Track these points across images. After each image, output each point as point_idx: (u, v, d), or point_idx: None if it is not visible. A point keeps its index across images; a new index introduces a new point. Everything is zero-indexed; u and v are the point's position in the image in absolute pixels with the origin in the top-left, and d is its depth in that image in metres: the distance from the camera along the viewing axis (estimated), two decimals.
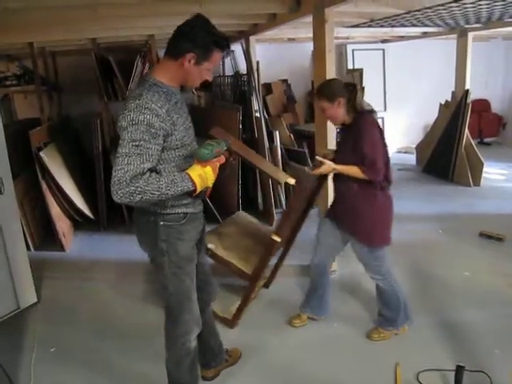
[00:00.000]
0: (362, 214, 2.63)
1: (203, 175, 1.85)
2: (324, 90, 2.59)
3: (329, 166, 2.56)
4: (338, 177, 2.68)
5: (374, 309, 3.13)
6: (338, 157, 2.67)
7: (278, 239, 2.71)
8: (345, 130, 2.71)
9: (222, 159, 1.96)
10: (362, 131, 2.51)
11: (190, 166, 1.88)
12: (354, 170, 2.52)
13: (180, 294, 2.04)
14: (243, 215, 3.68)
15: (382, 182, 2.57)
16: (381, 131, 2.58)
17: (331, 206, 2.90)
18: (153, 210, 1.91)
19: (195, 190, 1.85)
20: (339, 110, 2.55)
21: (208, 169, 1.87)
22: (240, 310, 3.00)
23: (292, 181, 2.46)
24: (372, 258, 2.70)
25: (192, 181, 1.82)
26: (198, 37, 1.78)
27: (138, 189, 1.69)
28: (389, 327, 2.85)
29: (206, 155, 1.86)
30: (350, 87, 2.59)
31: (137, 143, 1.69)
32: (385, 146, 2.57)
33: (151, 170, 1.75)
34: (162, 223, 1.93)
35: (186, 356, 2.13)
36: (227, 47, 1.86)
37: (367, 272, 2.79)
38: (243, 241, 3.21)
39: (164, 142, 1.80)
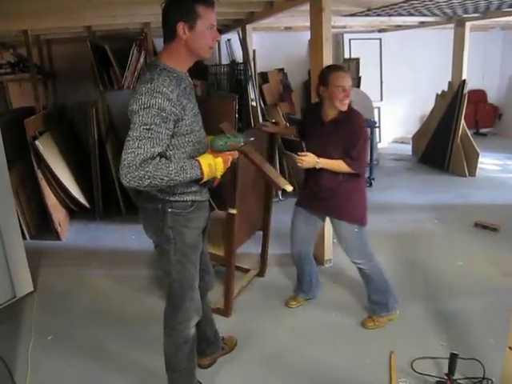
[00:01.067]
0: (351, 196, 2.71)
1: (213, 165, 1.87)
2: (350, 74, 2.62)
3: (311, 160, 2.57)
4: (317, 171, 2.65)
5: None
6: (321, 149, 2.61)
7: (234, 211, 2.73)
8: (334, 122, 2.63)
9: (236, 154, 1.99)
10: (356, 128, 2.57)
11: (200, 153, 1.90)
12: (338, 165, 2.57)
13: (183, 281, 2.04)
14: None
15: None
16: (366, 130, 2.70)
17: (304, 194, 2.91)
18: (161, 196, 1.91)
19: (202, 179, 1.86)
20: None
21: (219, 160, 1.89)
22: (228, 296, 3.01)
23: (290, 188, 2.48)
24: (359, 239, 2.76)
25: (201, 169, 1.83)
26: (176, 5, 1.77)
27: (148, 173, 1.69)
28: (382, 313, 2.87)
29: (219, 146, 1.90)
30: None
31: (148, 127, 1.69)
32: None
33: (160, 155, 1.76)
34: (169, 210, 1.92)
35: (185, 343, 2.14)
36: None
37: (353, 258, 2.82)
38: (215, 230, 3.24)
39: (174, 127, 1.80)
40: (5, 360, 2.45)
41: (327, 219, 3.06)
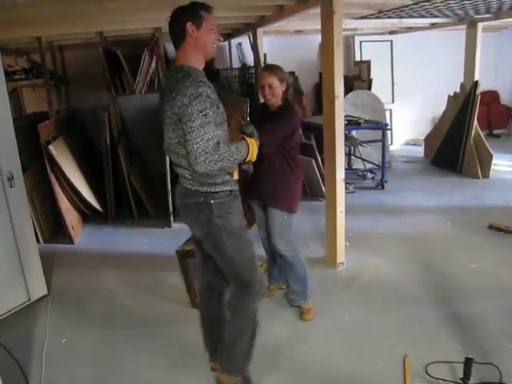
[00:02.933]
0: (284, 184, 2.88)
1: (252, 145, 2.07)
2: (278, 71, 2.85)
3: None
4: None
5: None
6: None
7: None
8: (273, 113, 2.86)
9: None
10: (285, 117, 2.78)
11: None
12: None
13: (244, 261, 2.18)
14: None
15: (295, 158, 2.89)
16: (297, 125, 2.84)
17: (251, 188, 3.02)
18: (203, 190, 2.04)
19: (246, 157, 2.04)
20: (281, 91, 2.83)
21: (253, 141, 2.09)
22: None
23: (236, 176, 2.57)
24: (286, 225, 2.93)
25: (248, 147, 2.03)
26: (183, 10, 2.01)
27: (220, 156, 1.86)
28: (301, 301, 3.08)
29: (250, 131, 2.14)
30: (291, 77, 2.81)
31: (204, 113, 1.84)
32: (293, 137, 2.81)
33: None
34: (212, 201, 2.05)
35: (250, 326, 2.27)
36: (205, 5, 2.04)
37: (278, 244, 2.95)
38: None
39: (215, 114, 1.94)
40: (20, 362, 2.48)
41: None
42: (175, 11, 2.03)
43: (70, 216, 4.56)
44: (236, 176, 2.15)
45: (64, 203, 4.47)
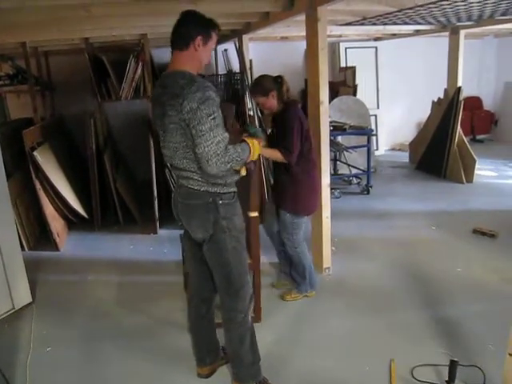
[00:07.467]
0: (289, 188, 3.04)
1: (253, 145, 2.15)
2: (257, 88, 3.03)
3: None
4: (274, 163, 3.08)
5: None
6: (272, 142, 2.97)
7: (256, 214, 2.82)
8: (275, 119, 3.09)
9: (261, 140, 2.37)
10: (286, 121, 2.91)
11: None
12: (275, 154, 2.90)
13: (240, 265, 2.21)
14: None
15: (303, 164, 2.99)
16: (301, 122, 2.94)
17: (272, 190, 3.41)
18: (212, 190, 2.09)
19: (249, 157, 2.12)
20: (273, 101, 3.00)
21: (255, 141, 2.18)
22: (257, 301, 3.01)
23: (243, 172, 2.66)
24: (290, 224, 3.10)
25: (249, 146, 2.11)
26: (200, 22, 2.04)
27: (230, 157, 1.94)
28: (294, 289, 3.31)
29: (254, 131, 2.28)
30: (278, 79, 3.05)
31: (212, 116, 1.89)
32: (302, 133, 2.93)
33: None
34: (220, 202, 2.10)
35: (247, 332, 2.28)
36: (218, 27, 2.11)
37: (283, 237, 3.17)
38: None
39: None
40: (3, 372, 2.45)
41: None
42: (191, 16, 2.04)
43: (56, 223, 4.52)
44: (244, 172, 2.20)
45: (49, 210, 4.43)
